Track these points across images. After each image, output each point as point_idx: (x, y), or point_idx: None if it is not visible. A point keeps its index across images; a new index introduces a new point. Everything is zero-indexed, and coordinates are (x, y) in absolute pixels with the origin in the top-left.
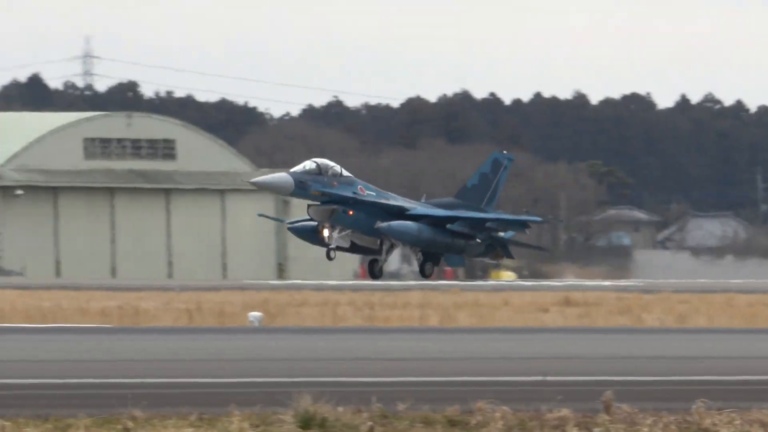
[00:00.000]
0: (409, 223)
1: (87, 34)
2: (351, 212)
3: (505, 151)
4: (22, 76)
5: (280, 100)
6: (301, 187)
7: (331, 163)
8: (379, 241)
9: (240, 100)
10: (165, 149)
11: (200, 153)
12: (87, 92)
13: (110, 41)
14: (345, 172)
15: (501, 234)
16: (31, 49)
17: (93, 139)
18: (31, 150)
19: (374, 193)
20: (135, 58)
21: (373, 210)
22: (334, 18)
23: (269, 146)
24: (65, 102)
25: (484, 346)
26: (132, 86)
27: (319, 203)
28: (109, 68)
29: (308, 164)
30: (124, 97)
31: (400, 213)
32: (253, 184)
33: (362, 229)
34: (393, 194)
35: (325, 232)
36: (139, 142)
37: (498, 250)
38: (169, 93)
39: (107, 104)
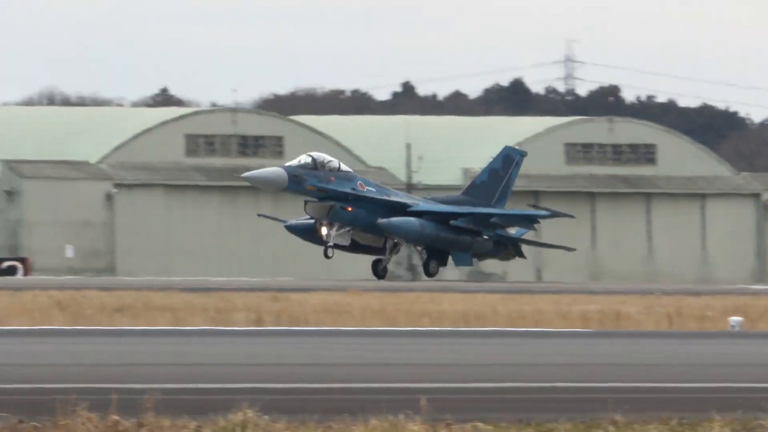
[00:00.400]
0: (410, 218)
1: (569, 38)
2: (350, 209)
3: (517, 146)
4: (504, 80)
5: (761, 105)
6: (296, 182)
7: (329, 157)
8: (383, 240)
9: (721, 105)
10: (646, 154)
11: (681, 158)
12: (568, 97)
13: (592, 45)
14: (344, 167)
15: (511, 232)
16: (513, 53)
17: (574, 144)
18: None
19: (374, 189)
20: (617, 62)
21: (373, 206)
22: None
23: (749, 151)
24: (546, 107)
25: None
26: (613, 90)
27: (316, 199)
28: (591, 72)
29: (303, 158)
30: (605, 102)
31: (402, 209)
32: (244, 178)
33: (362, 226)
34: (395, 191)
35: (323, 230)
36: (620, 147)
37: (509, 249)
38: (650, 97)
39: (588, 109)
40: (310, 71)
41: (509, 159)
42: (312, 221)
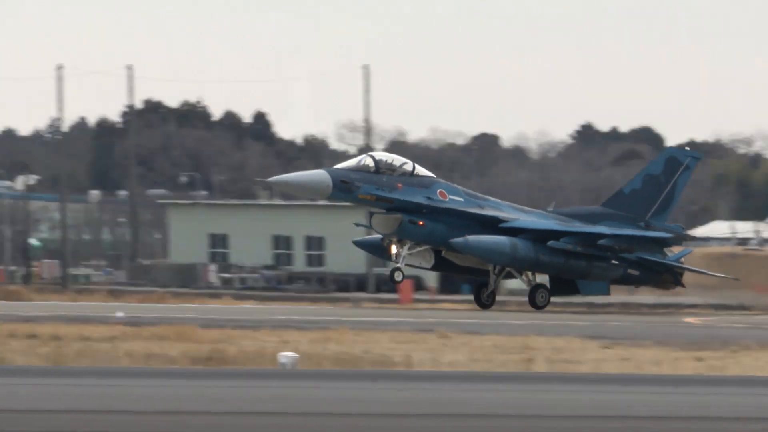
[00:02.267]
0: (497, 238)
1: None
2: (422, 222)
3: (687, 147)
4: None
5: None
6: (344, 188)
7: (400, 160)
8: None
9: None
10: None
11: None
12: None
13: None
14: (421, 170)
15: (657, 257)
16: None
17: None
18: None
19: (461, 199)
20: None
21: (456, 220)
22: None
23: None
24: None
25: None
26: None
27: (384, 210)
28: None
29: (363, 159)
30: None
31: (493, 225)
32: (277, 183)
33: (441, 243)
34: (496, 201)
35: (392, 248)
36: None
37: (664, 275)
38: None
39: None
40: None
41: (675, 163)
42: (379, 237)
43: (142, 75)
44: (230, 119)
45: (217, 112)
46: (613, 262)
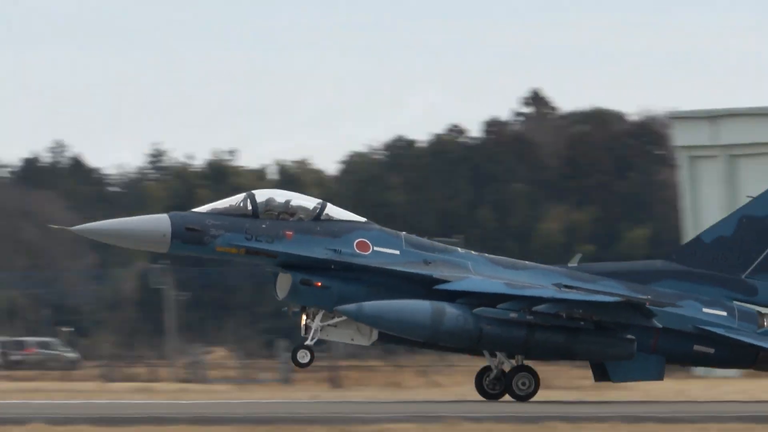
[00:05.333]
0: (411, 303)
1: None
2: (318, 283)
3: None
4: None
5: None
6: (191, 238)
7: (299, 200)
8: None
9: None
10: None
11: None
12: None
13: None
14: (337, 214)
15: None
16: None
17: None
18: None
19: (396, 252)
20: None
21: (378, 279)
22: None
23: None
24: None
25: None
26: None
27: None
28: None
29: (235, 200)
30: None
31: (428, 286)
32: (83, 232)
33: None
34: (472, 254)
35: (302, 319)
36: None
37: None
38: None
39: None
40: None
41: None
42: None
43: None
44: None
45: None
46: (628, 336)
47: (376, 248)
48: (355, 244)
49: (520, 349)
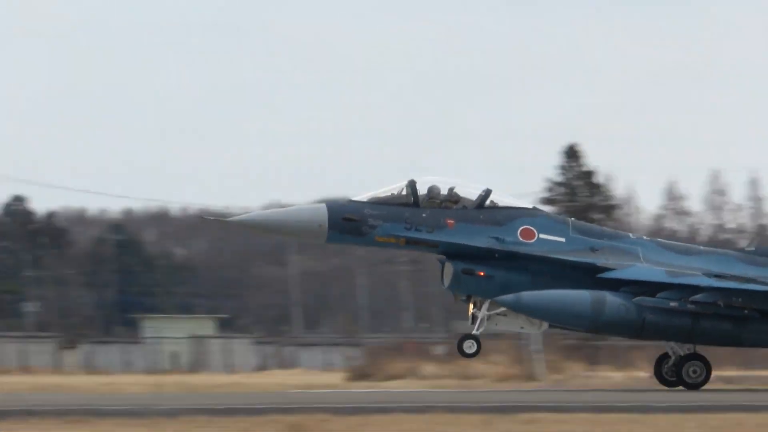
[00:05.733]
0: (570, 293)
1: None
2: (482, 273)
3: None
4: None
5: None
6: (349, 229)
7: (452, 183)
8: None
9: None
10: None
11: None
12: None
13: None
14: (503, 200)
15: None
16: None
17: None
18: None
19: (562, 239)
20: None
21: (541, 268)
22: None
23: None
24: None
25: None
26: None
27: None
28: None
29: (396, 188)
30: None
31: (592, 275)
32: (246, 224)
33: None
34: (643, 240)
35: (470, 309)
36: None
37: None
38: None
39: None
40: None
41: None
42: None
43: None
44: None
45: None
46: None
47: (541, 236)
48: (519, 231)
49: (686, 338)
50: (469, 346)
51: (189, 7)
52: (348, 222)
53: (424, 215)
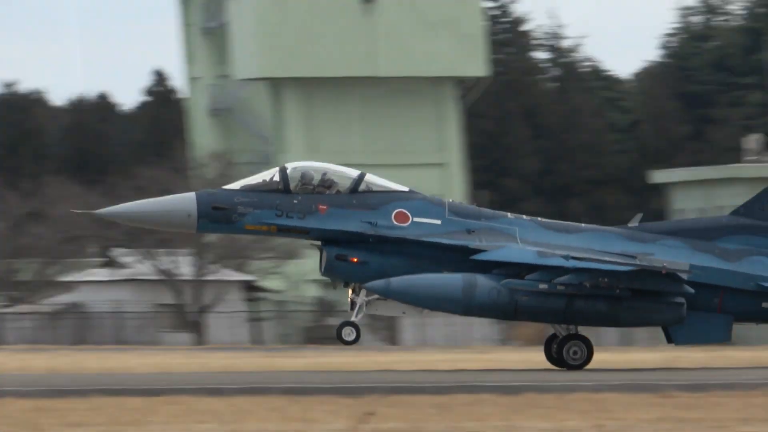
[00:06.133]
0: (442, 277)
1: None
2: (355, 258)
3: None
4: None
5: None
6: (218, 218)
7: (335, 172)
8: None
9: None
10: None
11: None
12: None
13: None
14: (377, 183)
15: None
16: None
17: None
18: None
19: (437, 222)
20: None
21: (416, 251)
22: None
23: None
24: None
25: None
26: None
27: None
28: None
29: (268, 174)
30: None
31: (467, 257)
32: (108, 216)
33: None
34: (522, 218)
35: (349, 296)
36: None
37: None
38: None
39: None
40: None
41: None
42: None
43: None
44: None
45: None
46: (676, 300)
47: (415, 219)
48: (393, 215)
49: (562, 319)
50: (348, 333)
51: None
52: (217, 210)
53: (295, 201)
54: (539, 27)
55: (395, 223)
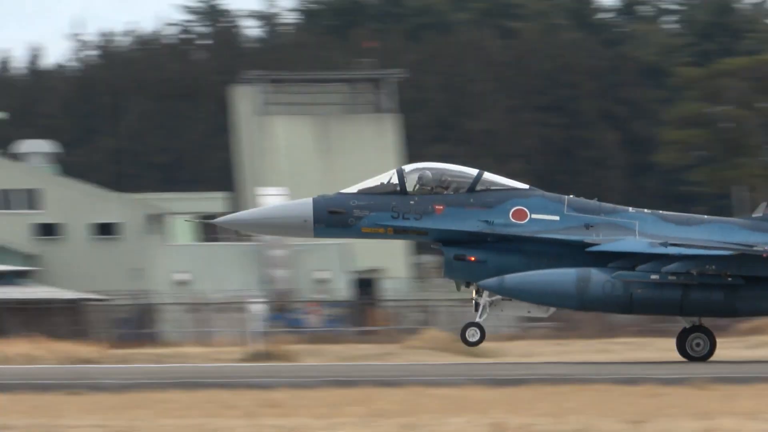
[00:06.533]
0: (555, 273)
1: None
2: (473, 258)
3: None
4: None
5: None
6: (334, 222)
7: (451, 172)
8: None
9: None
10: None
11: None
12: None
13: None
14: (495, 181)
15: None
16: None
17: None
18: None
19: (556, 218)
20: None
21: (533, 248)
22: None
23: None
24: None
25: None
26: None
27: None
28: None
29: (385, 176)
30: None
31: (581, 253)
32: (228, 224)
33: None
34: (642, 212)
35: (474, 298)
36: None
37: None
38: None
39: None
40: None
41: None
42: None
43: None
44: None
45: None
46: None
47: (533, 216)
48: (511, 213)
49: (678, 311)
50: (473, 334)
51: None
52: (333, 215)
53: (411, 203)
54: None
55: (513, 220)
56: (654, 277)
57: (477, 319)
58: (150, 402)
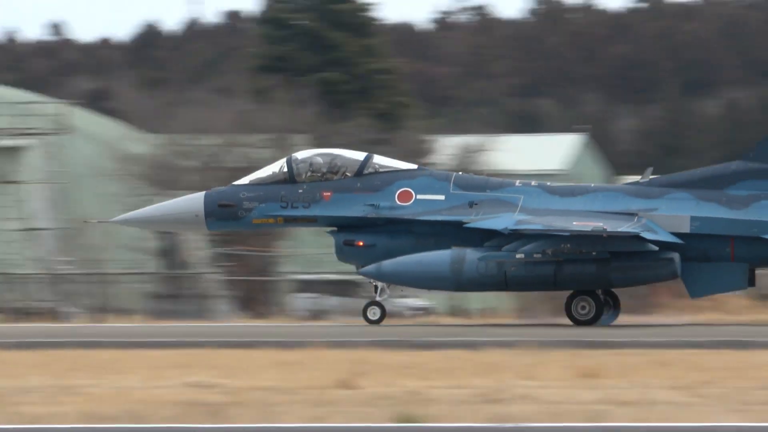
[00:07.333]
0: (430, 256)
1: None
2: (360, 242)
3: None
4: None
5: None
6: (225, 215)
7: (331, 154)
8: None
9: None
10: None
11: None
12: None
13: None
14: (384, 164)
15: None
16: None
17: None
18: None
19: (441, 197)
20: None
21: (419, 229)
22: None
23: None
24: None
25: None
26: None
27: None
28: None
29: (276, 166)
30: None
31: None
32: (121, 223)
33: None
34: (528, 185)
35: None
36: None
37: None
38: None
39: None
40: None
41: None
42: None
43: None
44: None
45: None
46: (667, 255)
47: (418, 196)
48: (396, 195)
49: (553, 286)
50: (373, 313)
51: None
52: (224, 208)
53: (300, 191)
54: None
55: (398, 203)
56: (519, 256)
57: (377, 299)
58: None
